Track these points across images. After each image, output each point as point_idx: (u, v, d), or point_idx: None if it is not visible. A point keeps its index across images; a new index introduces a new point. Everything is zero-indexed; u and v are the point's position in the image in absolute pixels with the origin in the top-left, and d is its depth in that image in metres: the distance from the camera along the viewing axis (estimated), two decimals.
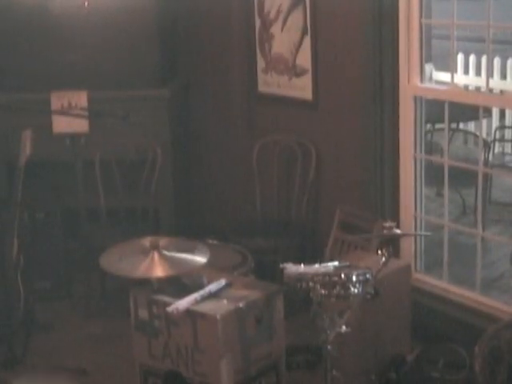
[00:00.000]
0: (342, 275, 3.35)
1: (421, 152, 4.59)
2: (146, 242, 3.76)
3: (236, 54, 5.47)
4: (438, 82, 7.06)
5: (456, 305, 4.46)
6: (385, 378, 3.97)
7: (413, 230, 4.63)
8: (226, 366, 3.51)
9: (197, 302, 3.55)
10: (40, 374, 4.10)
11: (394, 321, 4.07)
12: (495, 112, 7.94)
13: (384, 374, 3.98)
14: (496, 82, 7.93)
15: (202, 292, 3.61)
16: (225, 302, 3.59)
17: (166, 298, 3.62)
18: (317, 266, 3.57)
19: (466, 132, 8.11)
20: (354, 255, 4.26)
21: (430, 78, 7.27)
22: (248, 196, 5.46)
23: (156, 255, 3.68)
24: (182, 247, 3.83)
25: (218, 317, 3.45)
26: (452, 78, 4.64)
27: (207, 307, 3.53)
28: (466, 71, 8.35)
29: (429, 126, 7.05)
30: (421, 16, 4.40)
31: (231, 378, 3.54)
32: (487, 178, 6.18)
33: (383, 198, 4.68)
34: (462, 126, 8.10)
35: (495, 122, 8.01)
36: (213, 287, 3.66)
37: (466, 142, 8.17)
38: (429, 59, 7.31)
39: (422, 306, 4.42)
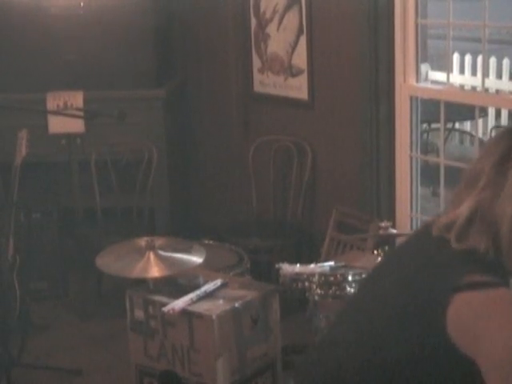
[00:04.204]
0: (338, 275, 3.36)
1: (417, 152, 4.60)
2: (142, 242, 3.75)
3: (232, 53, 5.46)
4: (434, 82, 7.06)
5: None
6: None
7: (409, 229, 4.63)
8: (222, 366, 3.51)
9: (193, 302, 3.55)
10: None
11: None
12: (491, 111, 7.95)
13: None
14: (492, 82, 7.94)
15: (197, 292, 3.61)
16: (221, 302, 3.59)
17: (162, 298, 3.62)
18: (313, 266, 3.58)
19: (461, 132, 8.13)
20: (350, 255, 4.25)
21: (426, 78, 7.28)
22: (244, 196, 5.46)
23: (152, 255, 3.68)
24: (177, 247, 3.83)
25: (214, 317, 3.45)
26: (448, 77, 4.65)
27: (203, 307, 3.53)
28: (462, 71, 8.35)
29: (425, 125, 7.07)
30: (416, 16, 4.41)
31: (227, 378, 3.54)
32: None
33: (379, 198, 4.68)
34: (457, 125, 8.11)
35: (491, 122, 8.01)
36: (209, 287, 3.66)
37: (461, 141, 8.19)
38: (425, 59, 7.32)
39: None
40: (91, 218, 5.30)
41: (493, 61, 8.11)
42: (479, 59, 8.06)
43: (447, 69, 4.78)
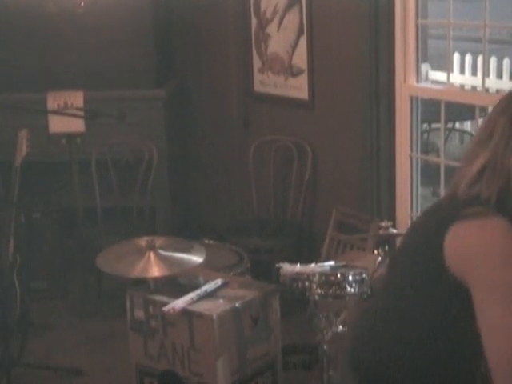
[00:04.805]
0: (339, 275, 3.35)
1: (417, 151, 4.60)
2: (143, 241, 3.76)
3: (232, 53, 5.46)
4: (434, 82, 7.06)
5: None
6: None
7: None
8: (222, 366, 3.51)
9: (193, 301, 3.55)
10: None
11: None
12: None
13: None
14: (492, 82, 7.93)
15: (198, 292, 3.61)
16: (221, 301, 3.59)
17: (163, 298, 3.62)
18: (313, 265, 3.58)
19: (462, 132, 8.13)
20: (351, 255, 4.25)
21: (426, 78, 7.28)
22: (244, 196, 5.46)
23: (152, 255, 3.68)
24: (178, 247, 3.83)
25: (215, 316, 3.45)
26: (448, 77, 4.64)
27: (203, 307, 3.53)
28: (462, 71, 8.35)
29: (425, 125, 7.07)
30: (417, 16, 4.40)
31: (227, 378, 3.54)
32: None
33: (379, 198, 4.68)
34: (458, 125, 8.11)
35: None
36: (209, 287, 3.66)
37: (462, 141, 8.19)
38: (425, 59, 7.32)
39: None
40: (91, 217, 5.30)
41: (493, 61, 8.11)
42: (479, 59, 8.05)
43: (447, 69, 4.78)
